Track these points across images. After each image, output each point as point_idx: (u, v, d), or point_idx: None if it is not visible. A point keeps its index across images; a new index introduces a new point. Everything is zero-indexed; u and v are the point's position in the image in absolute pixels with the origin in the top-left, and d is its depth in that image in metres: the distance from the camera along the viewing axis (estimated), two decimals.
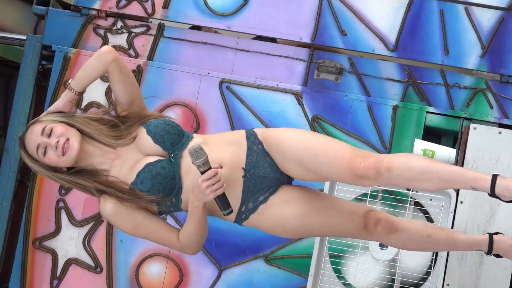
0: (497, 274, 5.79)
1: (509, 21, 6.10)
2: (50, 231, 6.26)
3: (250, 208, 4.28)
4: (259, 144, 4.31)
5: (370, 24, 6.19)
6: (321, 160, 4.23)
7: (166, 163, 4.22)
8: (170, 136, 4.26)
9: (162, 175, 4.19)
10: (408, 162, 4.18)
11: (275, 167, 4.32)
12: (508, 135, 5.87)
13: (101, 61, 4.23)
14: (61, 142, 4.15)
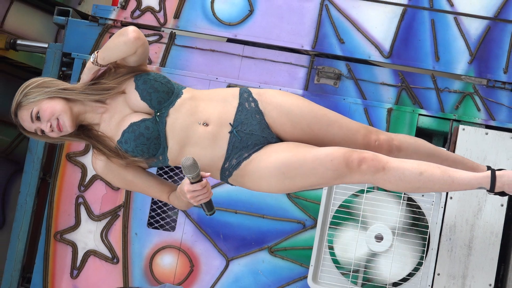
0: (484, 265, 5.75)
1: (495, 30, 6.08)
2: (70, 225, 6.25)
3: (234, 164, 4.03)
4: (252, 102, 4.10)
5: (366, 32, 6.18)
6: (335, 130, 4.08)
7: (150, 122, 4.03)
8: (157, 94, 4.06)
9: (146, 135, 4.01)
10: (417, 144, 4.12)
11: (264, 126, 4.07)
12: (494, 136, 5.85)
13: (130, 48, 4.00)
14: (54, 125, 4.00)
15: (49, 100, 4.01)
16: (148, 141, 3.98)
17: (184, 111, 4.01)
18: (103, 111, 4.08)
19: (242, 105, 4.05)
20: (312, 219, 6.09)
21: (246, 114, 4.04)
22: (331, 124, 4.04)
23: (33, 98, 3.98)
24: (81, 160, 6.26)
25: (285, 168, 3.91)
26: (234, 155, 4.00)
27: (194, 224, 6.20)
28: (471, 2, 6.11)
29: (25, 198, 6.34)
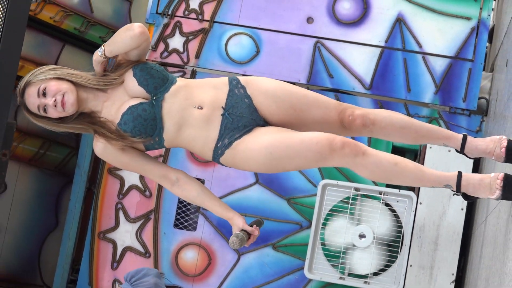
0: (448, 257, 5.81)
1: (455, 67, 6.14)
2: (111, 226, 6.33)
3: (226, 144, 3.76)
4: (241, 88, 3.82)
5: (351, 69, 6.23)
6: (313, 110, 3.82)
7: (147, 105, 3.76)
8: (153, 80, 3.78)
9: (143, 116, 3.74)
10: (391, 117, 3.77)
11: (252, 109, 3.80)
12: (455, 153, 5.18)
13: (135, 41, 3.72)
14: (58, 100, 3.71)
15: (57, 80, 3.76)
16: (145, 122, 3.74)
17: (179, 96, 3.78)
18: (105, 99, 3.82)
19: (232, 91, 3.80)
20: (308, 221, 6.12)
21: (236, 99, 3.80)
22: (310, 103, 3.79)
23: (43, 76, 3.75)
24: (119, 174, 6.31)
25: (272, 149, 3.69)
26: (226, 135, 3.76)
27: (212, 225, 6.24)
28: (436, 44, 6.16)
29: (74, 204, 6.48)
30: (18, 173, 6.76)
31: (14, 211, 6.85)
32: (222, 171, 6.24)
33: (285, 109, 3.82)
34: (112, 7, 7.01)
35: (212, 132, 3.78)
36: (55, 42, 6.82)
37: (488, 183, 3.54)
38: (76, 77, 3.79)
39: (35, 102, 3.76)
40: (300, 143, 3.67)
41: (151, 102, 3.77)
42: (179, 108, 3.78)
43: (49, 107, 3.74)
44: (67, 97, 3.74)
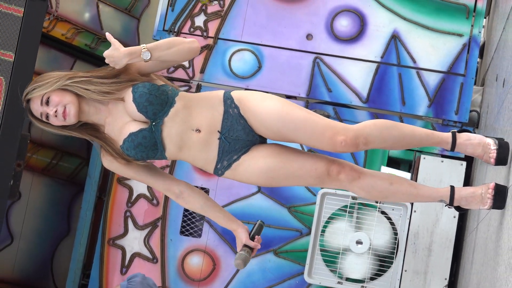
0: (441, 263, 5.81)
1: (448, 81, 6.13)
2: (120, 233, 6.32)
3: (225, 165, 3.74)
4: (235, 108, 3.71)
5: (348, 83, 6.22)
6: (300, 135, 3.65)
7: (147, 132, 3.70)
8: (152, 107, 3.67)
9: (144, 144, 3.70)
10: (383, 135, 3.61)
11: (248, 130, 3.72)
12: (448, 163, 5.89)
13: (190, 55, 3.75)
14: (59, 111, 3.68)
15: (61, 91, 3.70)
16: (146, 149, 3.71)
17: (178, 120, 3.69)
18: (106, 115, 3.77)
19: (227, 112, 3.71)
20: (307, 228, 6.11)
21: (232, 121, 3.71)
22: (297, 129, 3.62)
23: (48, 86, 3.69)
24: (128, 183, 6.30)
25: (272, 173, 3.68)
26: (224, 158, 3.73)
27: (216, 232, 6.24)
28: (429, 60, 6.15)
29: (85, 212, 6.43)
30: (31, 183, 6.77)
31: (28, 218, 6.84)
32: (226, 181, 6.23)
33: (273, 131, 3.71)
34: (121, 24, 7.02)
35: (210, 155, 3.74)
36: (67, 57, 6.84)
37: (480, 194, 3.53)
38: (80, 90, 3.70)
39: (38, 109, 3.74)
40: (300, 169, 3.68)
41: (151, 128, 3.72)
42: (177, 132, 3.72)
43: (50, 116, 3.72)
44: (69, 109, 3.70)
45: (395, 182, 3.64)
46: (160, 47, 3.67)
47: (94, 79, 3.74)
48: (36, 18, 5.08)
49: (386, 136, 3.65)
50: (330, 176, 3.66)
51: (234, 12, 6.42)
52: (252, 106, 3.72)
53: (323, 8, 6.36)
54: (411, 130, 3.70)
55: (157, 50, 3.67)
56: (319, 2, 6.36)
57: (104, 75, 3.75)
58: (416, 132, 3.70)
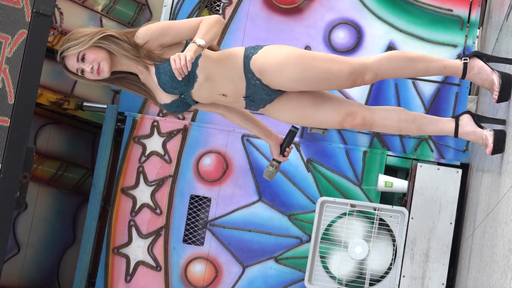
0: (438, 268, 5.80)
1: (443, 91, 6.16)
2: (124, 242, 6.32)
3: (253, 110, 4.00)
4: (257, 80, 3.84)
5: (346, 94, 6.16)
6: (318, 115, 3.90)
7: (179, 101, 3.92)
8: (177, 90, 3.86)
9: (180, 109, 3.95)
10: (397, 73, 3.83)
11: (270, 92, 3.88)
12: (444, 171, 5.87)
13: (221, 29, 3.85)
14: (95, 68, 3.84)
15: (96, 48, 3.85)
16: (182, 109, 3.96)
17: (203, 90, 3.87)
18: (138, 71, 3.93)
19: (249, 83, 3.83)
20: (307, 235, 6.11)
21: (255, 89, 3.84)
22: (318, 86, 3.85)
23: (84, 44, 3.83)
24: (132, 193, 6.30)
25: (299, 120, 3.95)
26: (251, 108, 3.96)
27: (218, 240, 6.23)
28: None
29: (90, 222, 6.40)
30: (38, 193, 6.77)
31: (35, 228, 6.84)
32: (227, 190, 6.26)
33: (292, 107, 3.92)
34: None
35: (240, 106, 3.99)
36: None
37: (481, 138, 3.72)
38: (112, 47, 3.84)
39: (74, 65, 3.89)
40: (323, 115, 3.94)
41: (181, 99, 3.92)
42: (206, 96, 3.90)
43: (86, 72, 3.88)
44: (103, 65, 3.85)
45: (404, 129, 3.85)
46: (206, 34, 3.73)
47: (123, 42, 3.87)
48: (41, 33, 5.08)
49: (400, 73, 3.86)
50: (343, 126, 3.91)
51: (234, 25, 6.44)
52: (274, 78, 3.83)
53: (321, 20, 6.38)
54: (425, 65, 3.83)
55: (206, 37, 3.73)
56: (317, 15, 6.38)
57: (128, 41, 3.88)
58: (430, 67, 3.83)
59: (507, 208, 3.11)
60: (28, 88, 5.05)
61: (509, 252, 2.82)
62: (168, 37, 3.89)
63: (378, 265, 5.79)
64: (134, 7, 7.08)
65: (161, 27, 3.91)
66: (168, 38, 3.89)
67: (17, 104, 4.98)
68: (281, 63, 3.82)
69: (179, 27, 3.87)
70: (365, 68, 3.79)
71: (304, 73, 3.79)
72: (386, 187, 5.99)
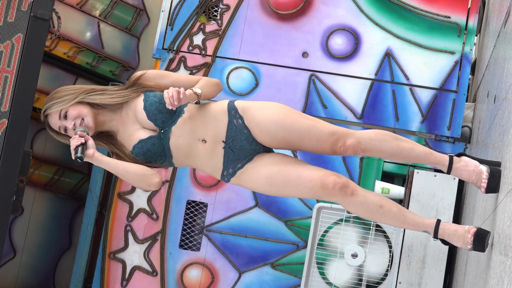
0: (434, 275, 5.80)
1: (440, 97, 6.15)
2: (120, 247, 6.32)
3: (230, 173, 3.84)
4: (239, 119, 3.81)
5: (343, 100, 6.23)
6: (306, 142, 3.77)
7: (156, 139, 3.83)
8: (162, 115, 3.80)
9: (152, 151, 3.82)
10: (381, 146, 3.72)
11: (251, 140, 3.81)
12: (441, 177, 5.85)
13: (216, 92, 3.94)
14: (77, 124, 3.82)
15: (78, 104, 3.84)
16: (155, 155, 3.83)
17: (185, 130, 3.80)
18: (119, 123, 3.91)
19: (231, 123, 3.81)
20: (304, 241, 6.12)
21: (235, 131, 3.80)
22: (302, 137, 3.76)
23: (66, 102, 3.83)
24: (128, 198, 6.30)
25: (271, 181, 3.75)
26: (230, 165, 3.83)
27: (215, 245, 6.23)
28: (422, 76, 6.17)
29: (87, 226, 6.42)
30: (34, 198, 6.75)
31: (31, 232, 6.82)
32: (224, 195, 6.25)
33: (278, 140, 3.82)
34: (121, 43, 7.03)
35: (217, 163, 3.85)
36: (69, 75, 6.84)
37: (462, 235, 3.57)
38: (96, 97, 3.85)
39: (56, 123, 3.87)
40: (296, 179, 3.75)
41: (159, 135, 3.84)
42: (185, 142, 3.83)
43: (69, 130, 3.85)
44: (87, 120, 3.83)
45: (385, 205, 3.69)
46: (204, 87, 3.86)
47: (110, 90, 3.91)
48: (39, 37, 5.08)
49: (384, 147, 3.74)
50: (324, 190, 3.71)
51: (231, 31, 6.46)
52: (256, 116, 3.81)
53: (318, 27, 6.38)
54: (410, 146, 3.77)
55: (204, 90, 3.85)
56: (315, 21, 6.39)
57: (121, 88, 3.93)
58: (415, 149, 3.77)
59: (504, 215, 3.10)
60: (25, 92, 5.04)
61: (506, 258, 2.82)
62: (166, 80, 3.95)
63: (375, 272, 5.82)
64: (132, 12, 7.08)
65: (160, 71, 4.00)
66: (165, 81, 3.95)
67: (14, 108, 4.97)
68: (266, 104, 3.89)
69: (179, 76, 3.98)
70: (348, 133, 3.79)
71: (286, 118, 3.80)
72: (383, 194, 6.00)
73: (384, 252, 5.78)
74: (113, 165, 3.79)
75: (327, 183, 3.70)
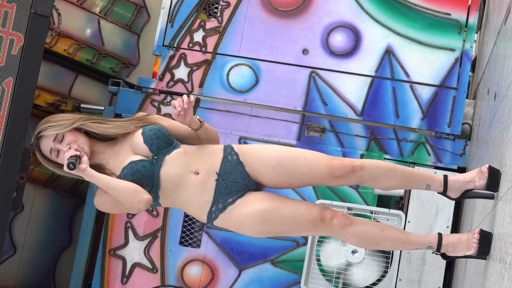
0: (434, 272, 5.82)
1: (441, 94, 6.16)
2: (120, 243, 6.33)
3: (220, 208, 3.73)
4: (234, 155, 3.78)
5: (343, 97, 6.24)
6: (300, 162, 3.71)
7: (147, 163, 3.75)
8: (158, 141, 3.77)
9: (141, 172, 3.71)
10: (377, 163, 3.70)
11: (244, 175, 3.75)
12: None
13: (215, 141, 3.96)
14: (73, 147, 3.72)
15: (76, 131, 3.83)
16: (142, 177, 3.72)
17: (178, 162, 3.76)
18: (111, 156, 3.86)
19: (226, 158, 3.76)
20: (304, 239, 6.10)
21: (230, 165, 3.75)
22: (296, 158, 3.71)
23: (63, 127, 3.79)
24: None
25: (267, 214, 3.68)
26: (220, 200, 3.73)
27: (215, 242, 6.24)
28: (422, 74, 6.18)
29: (87, 223, 6.41)
30: (34, 195, 6.75)
31: (31, 229, 6.82)
32: None
33: (272, 167, 3.76)
34: (121, 40, 7.03)
35: (206, 197, 3.76)
36: (69, 72, 6.83)
37: (466, 240, 3.57)
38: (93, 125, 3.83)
39: (49, 145, 3.81)
40: (295, 211, 3.69)
41: (152, 161, 3.78)
42: (177, 172, 3.77)
43: (62, 152, 3.78)
44: (82, 146, 3.79)
45: (386, 229, 3.67)
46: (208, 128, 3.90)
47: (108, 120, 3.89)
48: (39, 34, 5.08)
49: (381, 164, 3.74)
50: (324, 221, 3.67)
51: (232, 28, 6.45)
52: (252, 150, 3.82)
53: (319, 24, 6.38)
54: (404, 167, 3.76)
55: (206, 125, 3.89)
56: (315, 18, 6.39)
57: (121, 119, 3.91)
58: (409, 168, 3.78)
59: (504, 211, 3.10)
60: (26, 89, 5.03)
61: (506, 254, 2.82)
62: (166, 122, 3.96)
63: (375, 269, 5.79)
64: (132, 9, 7.07)
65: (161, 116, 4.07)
66: (165, 123, 3.96)
67: (14, 105, 4.97)
68: (262, 145, 3.91)
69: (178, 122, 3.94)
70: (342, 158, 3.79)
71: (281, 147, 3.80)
72: (383, 191, 5.99)
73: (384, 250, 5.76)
74: (105, 179, 3.73)
75: (326, 214, 3.68)
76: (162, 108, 6.44)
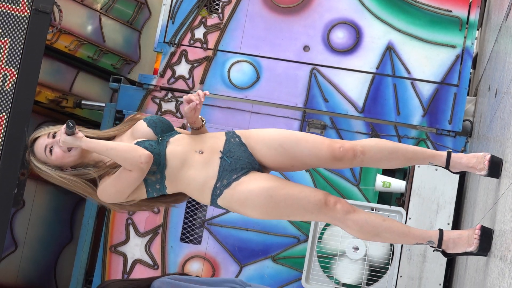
0: (435, 269, 5.82)
1: (442, 91, 6.17)
2: (121, 240, 6.33)
3: (225, 184, 3.68)
4: (236, 138, 3.77)
5: (344, 93, 6.25)
6: (302, 145, 3.70)
7: (154, 142, 3.72)
8: (162, 124, 3.79)
9: (149, 149, 3.67)
10: (379, 146, 3.68)
11: (248, 153, 3.74)
12: (442, 171, 5.82)
13: None
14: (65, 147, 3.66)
15: None
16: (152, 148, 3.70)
17: (183, 142, 3.74)
18: None
19: (228, 140, 3.74)
20: (305, 235, 6.13)
21: (233, 146, 3.74)
22: (298, 140, 3.72)
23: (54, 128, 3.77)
24: None
25: (273, 191, 3.64)
26: (224, 176, 3.69)
27: (216, 239, 6.25)
28: (423, 70, 6.20)
29: (88, 220, 6.41)
30: (35, 191, 6.77)
31: (32, 226, 6.84)
32: None
33: (275, 148, 3.76)
34: (122, 36, 7.05)
35: (211, 173, 3.73)
36: (70, 69, 6.85)
37: (467, 236, 3.52)
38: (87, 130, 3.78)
39: (43, 143, 3.74)
40: (300, 192, 3.64)
41: (157, 141, 3.76)
42: (182, 151, 3.74)
43: (55, 145, 3.71)
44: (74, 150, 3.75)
45: (388, 220, 3.63)
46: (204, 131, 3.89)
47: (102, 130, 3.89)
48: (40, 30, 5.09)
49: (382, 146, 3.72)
50: (327, 205, 3.62)
51: (233, 24, 6.46)
52: (254, 132, 3.83)
53: (320, 20, 6.39)
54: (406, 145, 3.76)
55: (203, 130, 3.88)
56: (316, 15, 6.40)
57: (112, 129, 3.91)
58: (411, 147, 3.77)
59: (505, 208, 3.11)
60: (27, 85, 5.05)
61: (507, 251, 2.83)
62: None
63: (376, 265, 5.79)
64: (133, 6, 7.09)
65: None
66: None
67: (15, 101, 4.98)
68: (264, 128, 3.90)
69: None
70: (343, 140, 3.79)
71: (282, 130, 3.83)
72: (384, 187, 6.02)
73: (385, 246, 5.79)
74: (103, 142, 3.67)
75: (330, 198, 3.63)
76: (163, 105, 6.45)
